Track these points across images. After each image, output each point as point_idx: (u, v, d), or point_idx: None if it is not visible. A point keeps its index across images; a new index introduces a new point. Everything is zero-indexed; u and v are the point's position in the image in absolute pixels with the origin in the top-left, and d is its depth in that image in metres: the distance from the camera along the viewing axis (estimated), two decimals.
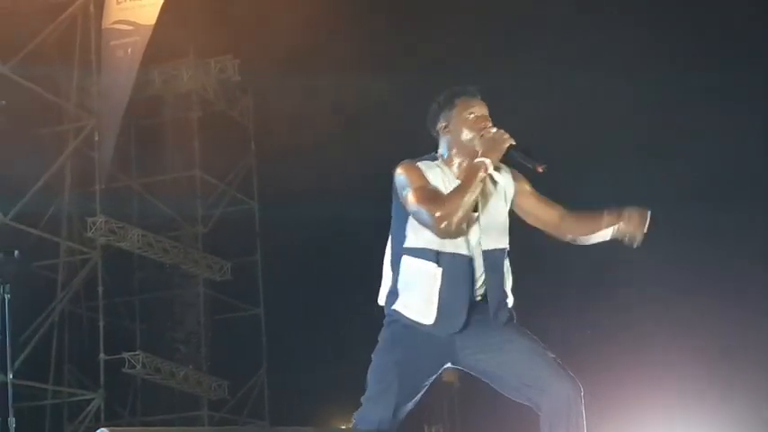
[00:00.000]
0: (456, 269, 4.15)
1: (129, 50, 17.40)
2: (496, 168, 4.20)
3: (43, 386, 16.64)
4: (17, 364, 14.98)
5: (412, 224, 4.19)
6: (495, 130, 4.15)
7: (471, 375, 4.29)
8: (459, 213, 4.02)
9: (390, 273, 4.29)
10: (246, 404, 18.82)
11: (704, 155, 14.85)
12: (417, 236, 4.18)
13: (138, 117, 18.70)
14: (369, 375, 4.26)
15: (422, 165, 4.23)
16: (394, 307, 4.25)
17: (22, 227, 15.97)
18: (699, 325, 14.45)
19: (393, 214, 4.30)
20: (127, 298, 18.71)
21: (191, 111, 19.07)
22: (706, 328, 14.44)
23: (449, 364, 4.25)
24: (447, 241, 4.13)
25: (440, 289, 4.14)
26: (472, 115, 4.22)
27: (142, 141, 19.08)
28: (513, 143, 4.12)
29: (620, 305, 14.97)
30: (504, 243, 4.27)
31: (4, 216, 15.69)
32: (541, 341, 4.22)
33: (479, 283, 4.21)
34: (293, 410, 17.68)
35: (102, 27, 17.54)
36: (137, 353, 17.26)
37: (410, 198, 4.15)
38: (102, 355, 16.81)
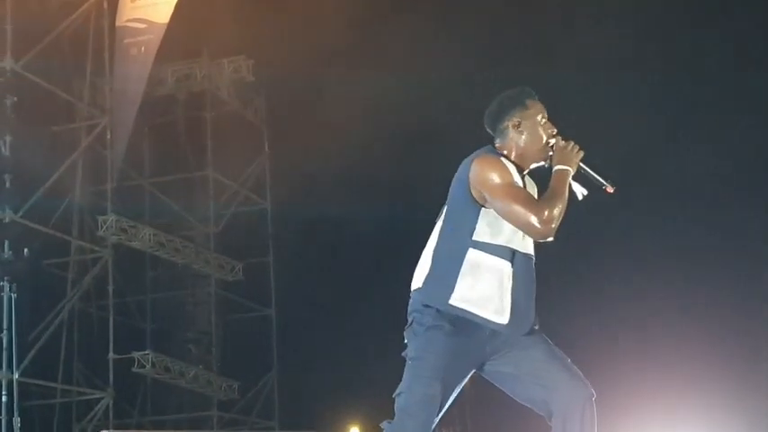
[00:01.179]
0: (525, 269, 4.09)
1: (143, 49, 17.37)
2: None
3: (52, 385, 16.59)
4: (26, 362, 14.98)
5: (487, 218, 4.07)
6: (570, 143, 4.15)
7: (484, 379, 4.18)
8: (559, 220, 4.01)
9: (445, 263, 4.09)
10: (256, 405, 18.76)
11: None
12: (494, 231, 4.06)
13: (150, 116, 18.66)
14: (411, 379, 4.02)
15: (504, 160, 4.14)
16: (453, 302, 4.04)
17: (33, 224, 15.91)
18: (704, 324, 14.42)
19: (456, 203, 4.13)
20: (137, 297, 18.66)
21: (204, 110, 19.03)
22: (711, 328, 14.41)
23: (474, 371, 4.14)
24: (518, 240, 4.07)
25: (512, 289, 4.05)
26: (544, 120, 4.21)
27: (155, 140, 19.04)
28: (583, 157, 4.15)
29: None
30: None
31: (14, 213, 15.64)
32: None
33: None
34: (303, 412, 17.62)
35: (116, 25, 17.53)
36: (146, 352, 17.22)
37: (502, 194, 4.04)
38: (111, 354, 16.76)
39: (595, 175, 4.13)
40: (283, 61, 17.00)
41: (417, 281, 4.12)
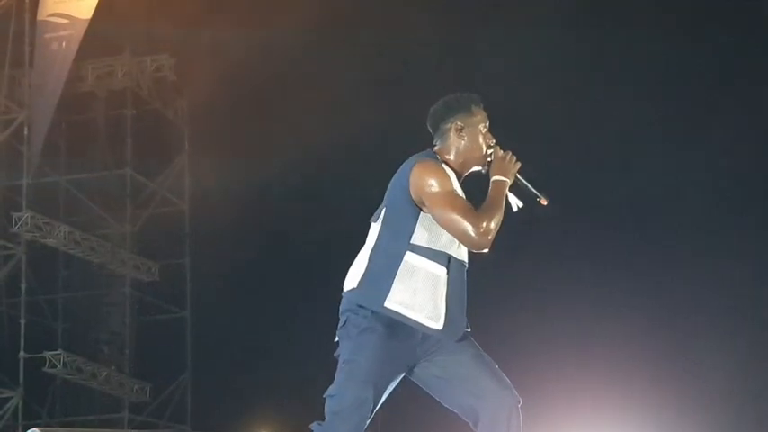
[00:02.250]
0: (459, 276, 4.09)
1: (64, 44, 17.20)
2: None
3: None
4: None
5: (426, 223, 4.05)
6: (507, 153, 4.16)
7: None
8: (496, 231, 4.00)
9: (382, 265, 4.06)
10: (168, 408, 18.57)
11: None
12: (432, 236, 4.05)
13: (69, 112, 18.44)
14: (344, 381, 3.98)
15: (445, 166, 4.12)
16: (388, 304, 4.01)
17: None
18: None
19: (395, 206, 4.09)
20: (50, 296, 18.41)
21: (124, 108, 18.83)
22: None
23: (404, 374, 4.10)
24: (455, 247, 4.06)
25: (447, 294, 4.04)
26: (486, 129, 4.20)
27: (73, 137, 18.82)
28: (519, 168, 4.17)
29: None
30: None
31: None
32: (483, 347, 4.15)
33: None
34: (215, 415, 17.52)
35: (38, 19, 17.32)
36: (58, 352, 16.99)
37: (441, 202, 4.01)
38: (22, 353, 16.53)
39: (530, 188, 4.15)
40: (206, 61, 16.92)
41: (352, 281, 4.08)
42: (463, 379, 4.04)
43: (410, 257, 4.03)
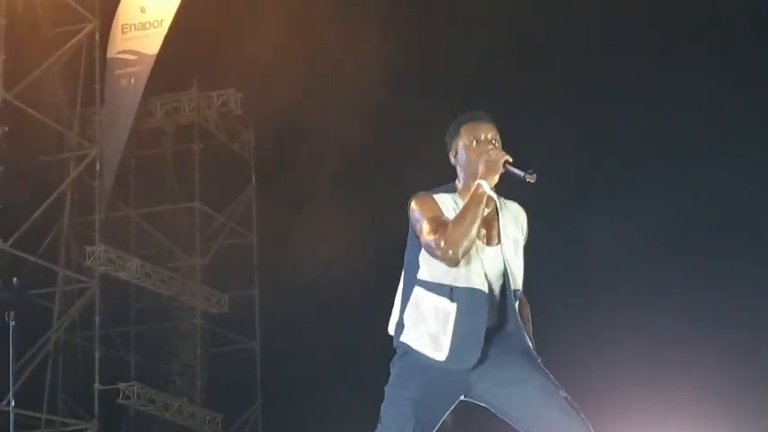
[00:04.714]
0: (472, 304, 4.08)
1: (133, 80, 17.44)
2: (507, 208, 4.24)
3: (37, 415, 16.53)
4: (12, 392, 14.92)
5: (424, 256, 4.12)
6: (493, 151, 4.11)
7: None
8: (463, 242, 3.96)
9: (401, 303, 4.21)
10: None
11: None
12: (430, 268, 4.11)
13: (139, 147, 18.71)
14: (382, 412, 4.11)
15: (437, 196, 4.18)
16: (402, 339, 4.16)
17: (21, 253, 15.92)
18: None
19: (408, 243, 4.22)
20: (123, 328, 18.63)
21: (192, 142, 19.08)
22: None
23: (463, 397, 4.16)
24: (461, 276, 4.06)
25: (454, 325, 4.05)
26: (475, 141, 4.19)
27: (142, 172, 19.07)
28: (509, 159, 4.07)
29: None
30: (519, 285, 4.23)
31: (3, 242, 15.65)
32: (556, 378, 4.15)
33: (494, 320, 4.14)
34: None
35: (107, 56, 17.59)
36: (132, 384, 17.18)
37: (419, 228, 4.10)
38: (97, 386, 16.72)
39: (518, 172, 4.06)
40: (272, 95, 17.09)
41: (390, 326, 4.28)
42: (531, 412, 4.04)
43: (416, 291, 4.13)
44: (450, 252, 3.96)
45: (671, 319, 14.74)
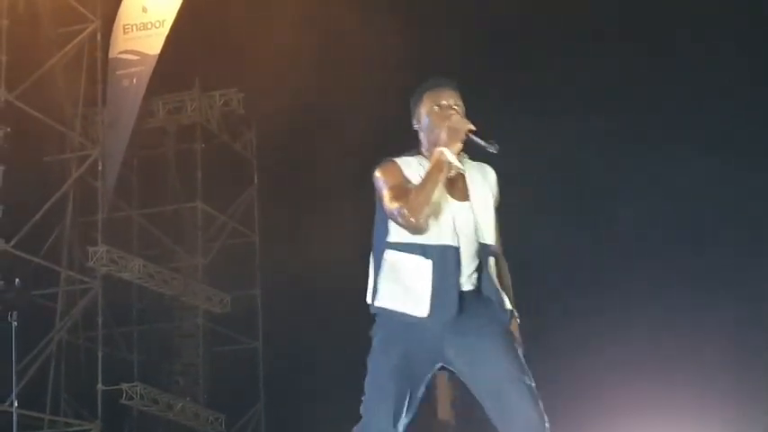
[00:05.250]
0: (444, 260, 4.08)
1: (134, 80, 17.46)
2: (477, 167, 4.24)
3: (40, 415, 16.55)
4: (15, 392, 14.95)
5: None
6: (456, 117, 4.14)
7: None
8: (425, 209, 4.01)
9: (374, 270, 4.21)
10: None
11: None
12: (399, 230, 4.11)
13: (141, 147, 18.74)
14: (366, 383, 4.15)
15: (400, 161, 4.21)
16: (380, 304, 4.16)
17: (23, 254, 15.95)
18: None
19: (376, 213, 4.24)
20: (126, 329, 18.65)
21: (194, 142, 19.11)
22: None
23: (440, 364, 4.16)
24: (432, 233, 4.08)
25: (431, 280, 4.07)
26: (437, 107, 4.22)
27: (145, 172, 19.10)
28: (472, 128, 4.09)
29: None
30: (491, 239, 4.22)
31: (6, 243, 15.68)
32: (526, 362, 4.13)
33: (467, 274, 4.15)
34: None
35: (109, 57, 17.61)
36: (135, 384, 17.20)
37: (381, 196, 4.14)
38: (99, 386, 16.74)
39: (481, 142, 4.08)
40: (274, 95, 17.11)
41: (368, 296, 4.27)
42: (491, 393, 4.04)
43: (389, 254, 4.15)
44: (413, 219, 4.00)
45: (671, 319, 14.76)
